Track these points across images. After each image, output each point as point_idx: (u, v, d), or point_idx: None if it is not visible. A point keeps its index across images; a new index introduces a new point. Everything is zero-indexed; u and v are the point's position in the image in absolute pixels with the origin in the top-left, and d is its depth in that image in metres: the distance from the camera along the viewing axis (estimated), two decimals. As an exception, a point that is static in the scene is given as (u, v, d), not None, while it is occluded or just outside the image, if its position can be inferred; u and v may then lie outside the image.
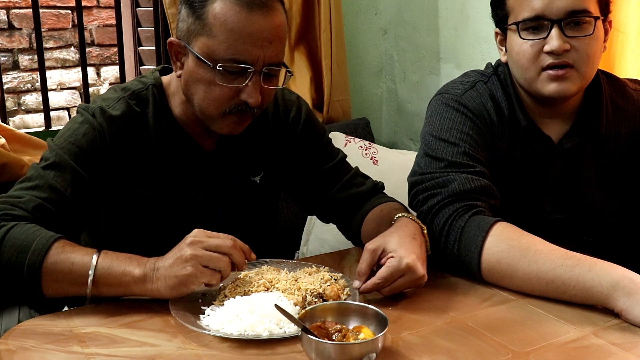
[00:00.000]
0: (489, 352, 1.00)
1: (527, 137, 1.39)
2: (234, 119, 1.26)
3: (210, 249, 1.10)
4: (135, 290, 1.13)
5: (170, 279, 1.10)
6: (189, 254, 1.09)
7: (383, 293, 1.16)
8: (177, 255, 1.11)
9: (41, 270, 1.12)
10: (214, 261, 1.10)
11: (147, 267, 1.12)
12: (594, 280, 1.10)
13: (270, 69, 1.23)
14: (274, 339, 1.02)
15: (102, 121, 1.27)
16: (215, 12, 1.19)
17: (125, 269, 1.12)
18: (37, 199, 1.20)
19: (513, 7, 1.33)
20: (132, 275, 1.12)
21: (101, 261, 1.13)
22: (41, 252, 1.12)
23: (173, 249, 1.13)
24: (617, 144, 1.42)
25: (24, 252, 1.12)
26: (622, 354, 0.99)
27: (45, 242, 1.13)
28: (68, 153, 1.25)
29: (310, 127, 1.47)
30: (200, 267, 1.09)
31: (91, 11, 3.27)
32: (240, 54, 1.19)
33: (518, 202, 1.40)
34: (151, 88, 1.34)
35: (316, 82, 2.56)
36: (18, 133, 1.99)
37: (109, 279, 1.12)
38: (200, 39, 1.21)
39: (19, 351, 1.00)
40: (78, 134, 1.27)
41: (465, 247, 1.23)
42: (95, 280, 1.12)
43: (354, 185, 1.47)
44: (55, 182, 1.22)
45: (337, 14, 2.51)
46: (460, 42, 2.45)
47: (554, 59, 1.29)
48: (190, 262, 1.09)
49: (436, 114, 1.41)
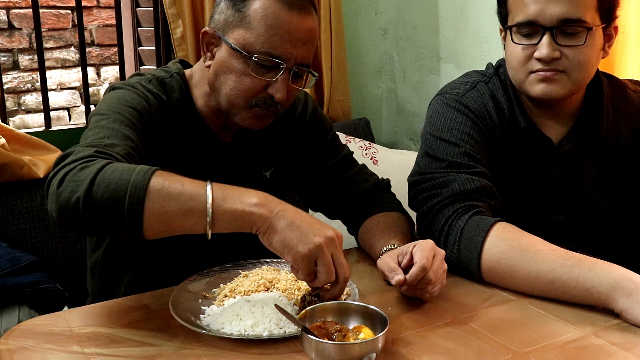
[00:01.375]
0: (489, 352, 1.00)
1: (527, 138, 1.39)
2: (259, 112, 1.28)
3: (335, 259, 1.04)
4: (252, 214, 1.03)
5: (292, 232, 1.02)
6: (319, 242, 1.01)
7: (431, 280, 1.09)
8: (311, 229, 1.02)
9: (147, 189, 1.00)
10: (326, 269, 1.03)
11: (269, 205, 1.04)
12: (593, 281, 1.10)
13: (300, 68, 1.27)
14: (274, 339, 1.02)
15: (143, 90, 1.27)
16: (257, 6, 1.22)
17: (243, 195, 1.04)
18: (125, 146, 1.13)
19: (511, 8, 1.34)
20: (252, 202, 1.03)
21: (215, 187, 1.04)
22: (147, 172, 1.02)
23: (309, 217, 1.05)
24: (618, 146, 1.42)
25: (127, 174, 1.01)
26: (622, 354, 0.99)
27: (148, 168, 1.04)
28: (125, 112, 1.20)
29: (315, 124, 1.49)
30: (313, 257, 1.02)
31: (91, 11, 3.27)
32: (276, 49, 1.22)
33: (518, 203, 1.40)
34: (176, 77, 1.35)
35: (316, 82, 2.56)
36: (18, 133, 1.99)
37: (227, 199, 1.03)
38: (238, 30, 1.24)
39: (19, 351, 1.00)
40: (127, 97, 1.23)
41: (465, 247, 1.23)
42: (214, 198, 1.02)
43: (357, 182, 1.48)
44: (128, 133, 1.17)
45: (337, 14, 2.51)
46: (460, 42, 2.45)
47: (543, 65, 1.29)
48: (311, 246, 1.01)
49: (437, 114, 1.41)
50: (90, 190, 0.99)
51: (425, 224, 1.31)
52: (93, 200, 0.99)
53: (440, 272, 1.13)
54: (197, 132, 1.35)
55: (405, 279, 1.09)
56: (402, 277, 1.10)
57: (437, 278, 1.12)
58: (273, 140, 1.44)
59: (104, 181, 1.00)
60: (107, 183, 1.00)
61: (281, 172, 1.48)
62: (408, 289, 1.13)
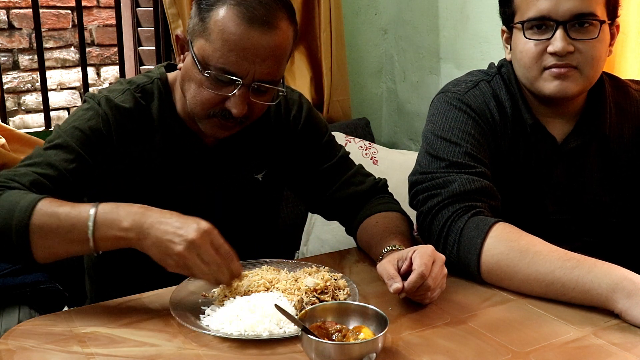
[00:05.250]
0: (489, 352, 1.00)
1: (531, 136, 1.39)
2: (217, 122, 1.27)
3: (203, 257, 1.09)
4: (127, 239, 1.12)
5: (158, 248, 1.10)
6: (178, 250, 1.08)
7: (430, 287, 1.10)
8: (170, 238, 1.09)
9: (29, 228, 1.10)
10: (199, 270, 1.10)
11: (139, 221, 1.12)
12: (593, 283, 1.10)
13: (260, 85, 1.23)
14: (274, 339, 1.02)
15: (107, 109, 1.29)
16: (217, 18, 1.19)
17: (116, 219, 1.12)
18: (34, 174, 1.21)
19: (519, 5, 1.33)
20: (123, 227, 1.11)
21: (99, 209, 1.12)
22: (28, 208, 1.11)
23: (174, 221, 1.11)
24: (621, 145, 1.42)
25: (10, 212, 1.11)
26: (622, 354, 0.99)
27: (32, 200, 1.12)
28: (71, 136, 1.26)
29: (310, 126, 1.47)
30: (182, 265, 1.09)
31: (91, 11, 3.27)
32: (231, 65, 1.20)
33: (521, 202, 1.40)
34: (157, 82, 1.35)
35: (316, 82, 2.56)
36: (18, 133, 1.99)
37: (103, 225, 1.11)
38: (200, 40, 1.22)
39: (19, 351, 1.00)
40: (83, 119, 1.28)
41: (464, 248, 1.23)
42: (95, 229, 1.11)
43: (353, 184, 1.47)
44: (54, 160, 1.23)
45: (337, 14, 2.51)
46: (460, 42, 2.44)
47: (557, 60, 1.29)
48: (174, 258, 1.09)
49: (438, 112, 1.40)
50: None
51: (425, 224, 1.31)
52: None
53: (440, 277, 1.13)
54: (179, 136, 1.35)
55: (404, 286, 1.09)
56: (400, 286, 1.09)
57: (437, 284, 1.12)
58: (264, 143, 1.43)
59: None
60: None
61: (275, 175, 1.47)
62: (407, 295, 1.13)
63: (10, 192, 1.15)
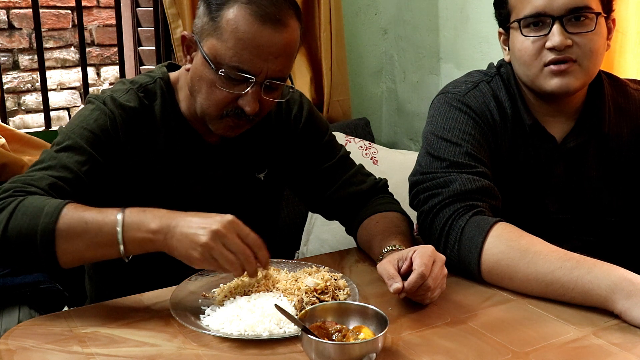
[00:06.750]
0: (489, 352, 1.00)
1: (531, 136, 1.39)
2: (230, 122, 1.27)
3: (229, 247, 1.08)
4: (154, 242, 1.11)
5: (182, 243, 1.08)
6: (203, 240, 1.06)
7: (430, 287, 1.10)
8: (195, 232, 1.08)
9: (55, 233, 1.09)
10: (225, 260, 1.07)
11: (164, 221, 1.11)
12: (593, 283, 1.10)
13: (272, 82, 1.24)
14: (274, 339, 1.02)
15: (114, 108, 1.29)
16: (229, 17, 1.20)
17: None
18: (50, 177, 1.20)
19: (515, 5, 1.34)
20: (150, 229, 1.10)
21: (126, 214, 1.11)
22: (54, 213, 1.10)
23: (199, 218, 1.10)
24: (620, 143, 1.42)
25: (36, 218, 1.10)
26: (622, 354, 0.99)
27: (57, 205, 1.11)
28: (81, 137, 1.25)
29: (311, 126, 1.48)
30: (208, 256, 1.07)
31: (91, 11, 3.27)
32: (245, 64, 1.20)
33: (521, 202, 1.40)
34: (159, 82, 1.36)
35: (316, 82, 2.56)
36: (18, 133, 1.99)
37: (131, 228, 1.11)
38: (211, 39, 1.22)
39: (19, 351, 1.00)
40: (90, 119, 1.28)
41: (465, 247, 1.23)
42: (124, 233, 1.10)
43: (353, 183, 1.47)
44: (68, 163, 1.22)
45: (337, 14, 2.51)
46: (460, 42, 2.45)
47: (556, 54, 1.29)
48: (198, 249, 1.07)
49: (439, 113, 1.41)
50: (4, 236, 1.10)
51: (425, 224, 1.31)
52: (8, 244, 1.10)
53: (440, 277, 1.13)
54: (182, 135, 1.35)
55: (404, 286, 1.09)
56: (400, 286, 1.09)
57: (437, 284, 1.12)
58: (266, 143, 1.44)
59: (15, 227, 1.10)
60: (19, 229, 1.10)
61: (276, 174, 1.47)
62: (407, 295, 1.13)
63: (32, 197, 1.14)
